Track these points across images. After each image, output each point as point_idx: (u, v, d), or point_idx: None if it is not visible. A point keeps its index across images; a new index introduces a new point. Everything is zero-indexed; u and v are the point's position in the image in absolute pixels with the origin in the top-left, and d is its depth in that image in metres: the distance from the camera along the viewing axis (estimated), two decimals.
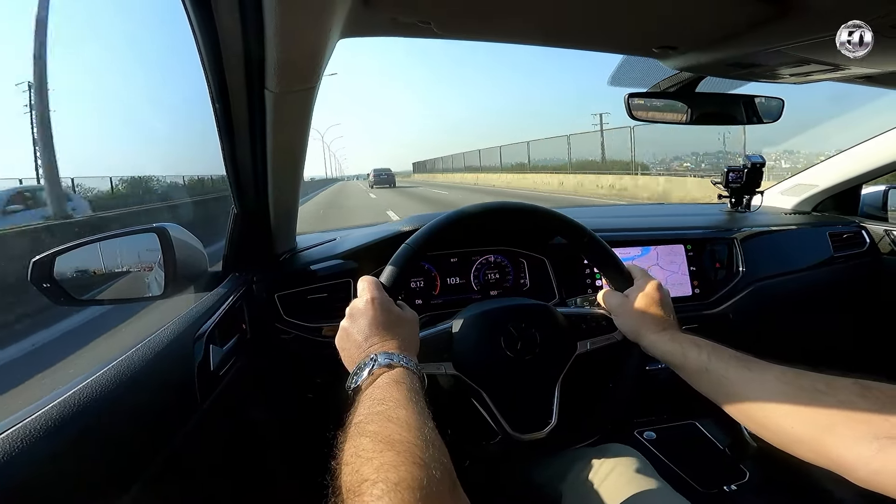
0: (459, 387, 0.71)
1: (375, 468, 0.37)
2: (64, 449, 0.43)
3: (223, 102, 0.69)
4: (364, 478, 0.37)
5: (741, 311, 1.25)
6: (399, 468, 0.37)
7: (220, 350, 0.77)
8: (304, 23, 0.55)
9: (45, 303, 0.72)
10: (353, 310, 0.63)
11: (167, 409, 0.62)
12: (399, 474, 0.36)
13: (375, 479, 0.36)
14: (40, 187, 7.05)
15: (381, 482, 0.36)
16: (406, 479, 0.36)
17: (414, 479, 0.36)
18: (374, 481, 0.36)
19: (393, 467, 0.37)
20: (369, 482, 0.36)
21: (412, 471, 0.37)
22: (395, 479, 0.36)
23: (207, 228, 0.93)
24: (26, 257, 0.70)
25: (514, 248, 1.18)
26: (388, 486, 0.35)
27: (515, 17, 0.73)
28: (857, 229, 1.55)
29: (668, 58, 0.91)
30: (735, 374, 0.57)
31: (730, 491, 0.98)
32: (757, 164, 1.55)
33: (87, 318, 2.31)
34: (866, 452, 0.42)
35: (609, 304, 0.77)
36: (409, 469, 0.37)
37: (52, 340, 2.39)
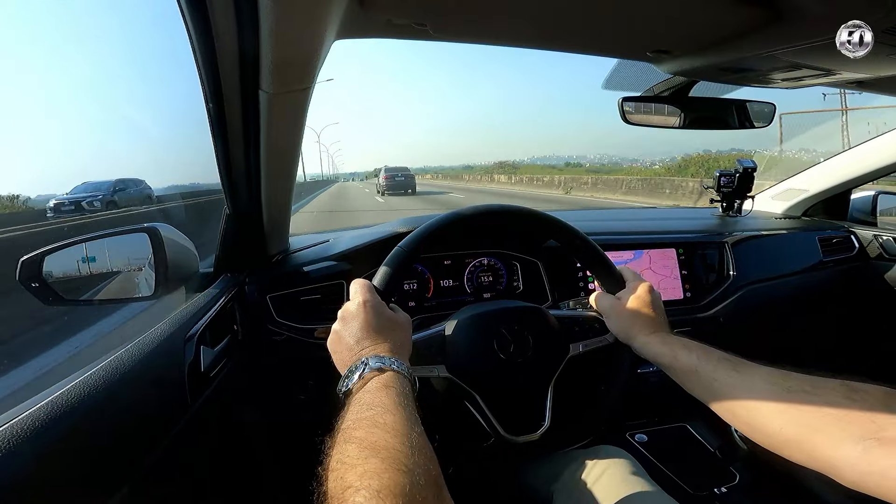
0: (452, 389, 0.71)
1: (359, 475, 0.37)
2: (52, 449, 0.43)
3: (217, 103, 0.69)
4: (347, 485, 0.37)
5: (732, 314, 1.26)
6: (382, 475, 0.37)
7: (211, 351, 0.76)
8: (299, 24, 0.55)
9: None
10: (345, 313, 0.63)
11: (157, 410, 0.61)
12: (382, 481, 0.36)
13: (358, 487, 0.36)
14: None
15: (363, 489, 0.36)
16: (389, 486, 0.36)
17: (397, 486, 0.36)
18: (357, 488, 0.36)
19: (376, 474, 0.37)
20: (352, 489, 0.36)
21: (395, 478, 0.37)
22: (377, 486, 0.36)
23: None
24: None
25: (508, 250, 1.18)
26: (371, 494, 0.35)
27: (510, 20, 0.73)
28: (847, 234, 1.57)
29: (662, 62, 0.91)
30: (724, 375, 0.58)
31: (720, 493, 0.98)
32: (748, 168, 1.57)
33: (76, 319, 2.29)
34: (852, 453, 0.43)
35: (601, 306, 0.77)
36: (392, 476, 0.37)
37: (40, 341, 2.36)
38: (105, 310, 0.84)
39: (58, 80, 58.88)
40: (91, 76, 56.05)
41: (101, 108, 55.00)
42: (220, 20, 0.57)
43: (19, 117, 38.10)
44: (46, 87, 62.06)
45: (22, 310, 2.13)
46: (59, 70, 55.87)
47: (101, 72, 63.71)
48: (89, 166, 55.48)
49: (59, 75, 56.37)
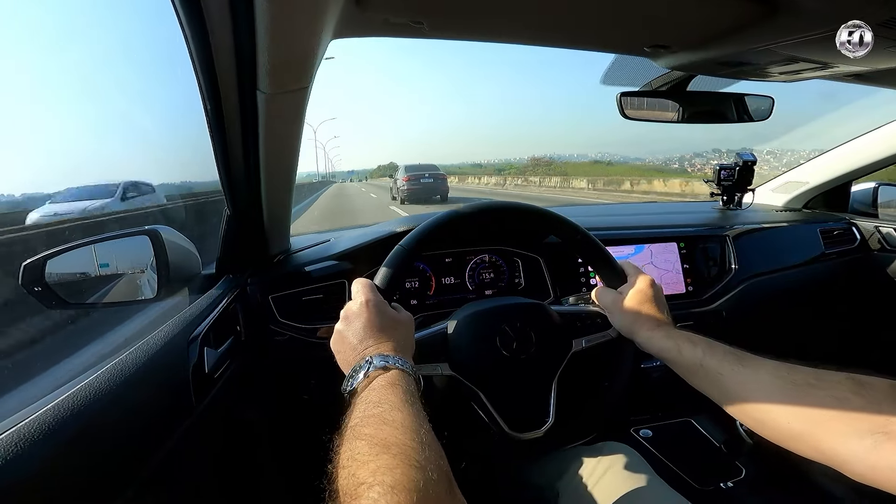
0: (456, 387, 0.71)
1: (371, 471, 0.37)
2: (58, 452, 0.43)
3: (215, 103, 0.69)
4: (360, 481, 0.37)
5: (734, 307, 1.25)
6: (395, 471, 0.37)
7: (214, 352, 0.76)
8: (295, 23, 0.55)
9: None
10: (347, 312, 0.63)
11: (162, 411, 0.61)
12: (395, 477, 0.36)
13: (372, 483, 0.36)
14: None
15: (377, 485, 0.35)
16: (402, 481, 0.36)
17: (410, 481, 0.36)
18: (370, 484, 0.36)
19: (389, 470, 0.37)
20: (366, 485, 0.36)
21: (408, 473, 0.37)
22: (391, 481, 0.36)
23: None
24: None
25: (509, 247, 1.18)
26: (385, 489, 0.35)
27: (507, 17, 0.73)
28: (848, 226, 1.57)
29: (660, 57, 0.91)
30: (729, 369, 0.58)
31: (726, 488, 0.98)
32: (748, 161, 1.56)
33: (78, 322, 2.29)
34: (861, 447, 0.43)
35: (603, 301, 0.77)
36: (405, 471, 0.37)
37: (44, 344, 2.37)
38: (108, 312, 0.85)
39: (52, 79, 51.71)
40: (84, 76, 51.36)
41: (95, 109, 51.78)
42: (217, 20, 0.57)
43: (12, 116, 36.18)
44: (40, 87, 54.65)
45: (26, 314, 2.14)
46: (53, 70, 49.33)
47: (95, 71, 58.56)
48: (80, 166, 51.66)
49: (53, 75, 49.85)
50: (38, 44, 10.78)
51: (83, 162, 24.73)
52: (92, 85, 26.65)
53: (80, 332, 2.07)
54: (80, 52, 35.51)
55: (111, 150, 22.58)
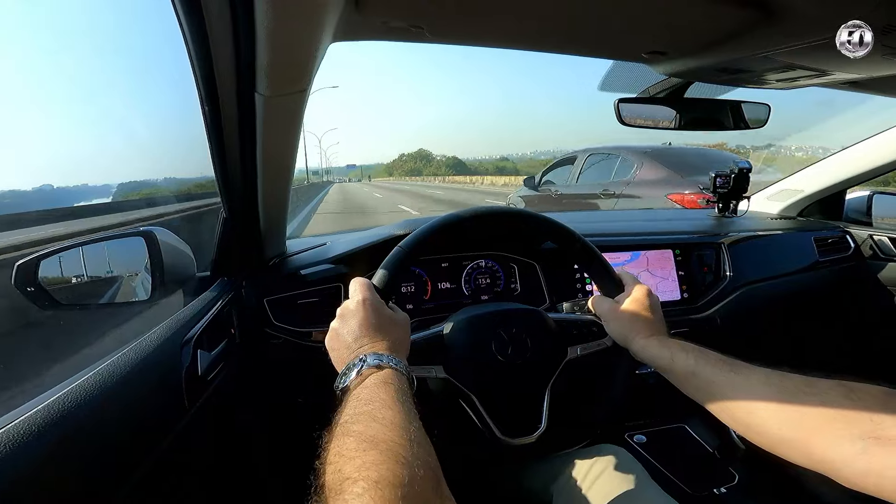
0: (449, 390, 0.71)
1: (357, 467, 0.37)
2: (48, 454, 0.43)
3: (212, 105, 0.69)
4: (345, 476, 0.37)
5: (729, 315, 1.26)
6: (380, 466, 0.37)
7: (208, 355, 0.76)
8: (294, 27, 0.55)
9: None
10: (343, 310, 0.63)
11: (154, 414, 0.61)
12: (380, 472, 0.36)
13: (356, 478, 0.36)
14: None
15: (361, 480, 0.35)
16: (387, 476, 0.36)
17: (395, 477, 0.36)
18: (354, 479, 0.36)
19: (374, 465, 0.37)
20: (350, 480, 0.36)
21: (394, 469, 0.37)
22: (375, 476, 0.35)
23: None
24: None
25: (506, 252, 1.18)
26: (369, 484, 0.35)
27: (506, 22, 0.73)
28: (842, 234, 1.58)
29: (658, 63, 0.92)
30: (721, 377, 0.58)
31: (719, 493, 0.98)
32: (744, 169, 1.57)
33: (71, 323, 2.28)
34: (851, 453, 0.43)
35: (599, 309, 0.77)
36: (390, 467, 0.37)
37: (36, 345, 2.35)
38: (101, 314, 0.84)
39: (51, 81, 58.12)
40: (84, 78, 55.47)
41: (94, 110, 54.55)
42: (216, 22, 0.56)
43: (11, 117, 37.44)
44: (40, 88, 61.29)
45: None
46: (52, 71, 55.02)
47: (94, 73, 63.20)
48: (82, 165, 54.66)
49: (53, 77, 55.40)
50: (38, 44, 10.62)
51: (82, 162, 24.72)
52: (92, 85, 26.76)
53: (72, 334, 2.06)
54: (79, 52, 35.64)
55: (111, 151, 22.57)
